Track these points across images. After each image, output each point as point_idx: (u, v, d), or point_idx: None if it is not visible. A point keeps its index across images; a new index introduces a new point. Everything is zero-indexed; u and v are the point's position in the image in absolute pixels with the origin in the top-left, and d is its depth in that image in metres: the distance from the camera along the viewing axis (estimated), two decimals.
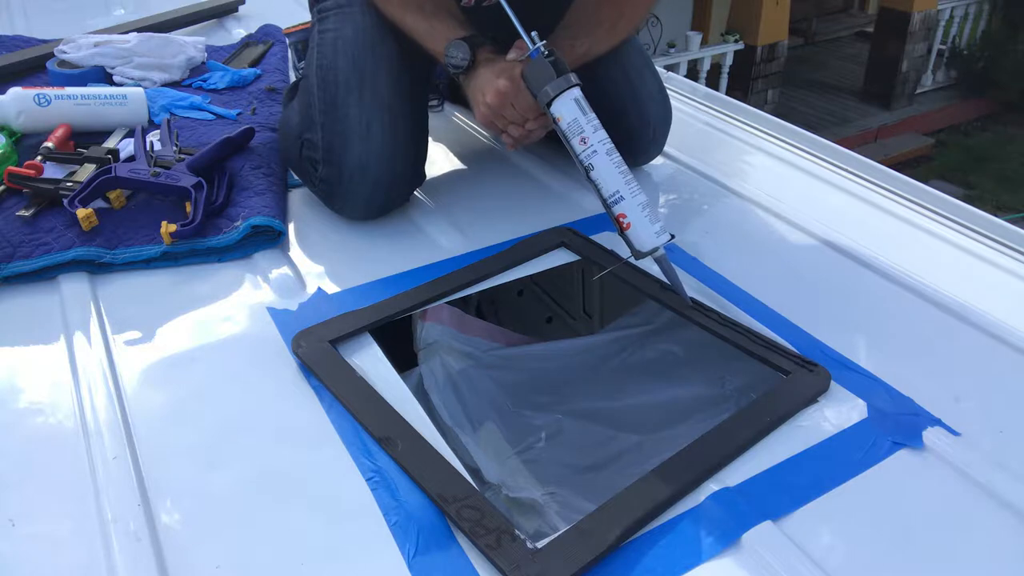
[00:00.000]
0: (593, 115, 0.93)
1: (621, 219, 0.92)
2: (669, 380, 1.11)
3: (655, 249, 0.91)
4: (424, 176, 1.17)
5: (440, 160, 1.31)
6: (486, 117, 1.03)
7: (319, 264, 1.02)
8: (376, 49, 1.08)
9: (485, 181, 1.24)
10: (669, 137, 1.25)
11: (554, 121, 0.94)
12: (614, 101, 1.18)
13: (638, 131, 1.20)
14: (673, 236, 0.93)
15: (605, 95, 1.17)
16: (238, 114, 1.38)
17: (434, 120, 1.40)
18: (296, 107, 1.15)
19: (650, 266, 1.01)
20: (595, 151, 0.92)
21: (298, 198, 1.17)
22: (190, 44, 1.58)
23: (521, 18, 0.95)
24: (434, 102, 1.44)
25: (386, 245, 1.06)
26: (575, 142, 0.93)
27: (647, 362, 1.14)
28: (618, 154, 0.93)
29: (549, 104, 0.94)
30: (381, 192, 1.08)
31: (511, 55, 1.01)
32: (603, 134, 0.93)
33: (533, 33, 0.95)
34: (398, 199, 1.13)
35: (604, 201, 0.93)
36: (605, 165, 0.92)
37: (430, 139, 1.36)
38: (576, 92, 0.93)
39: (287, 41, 1.62)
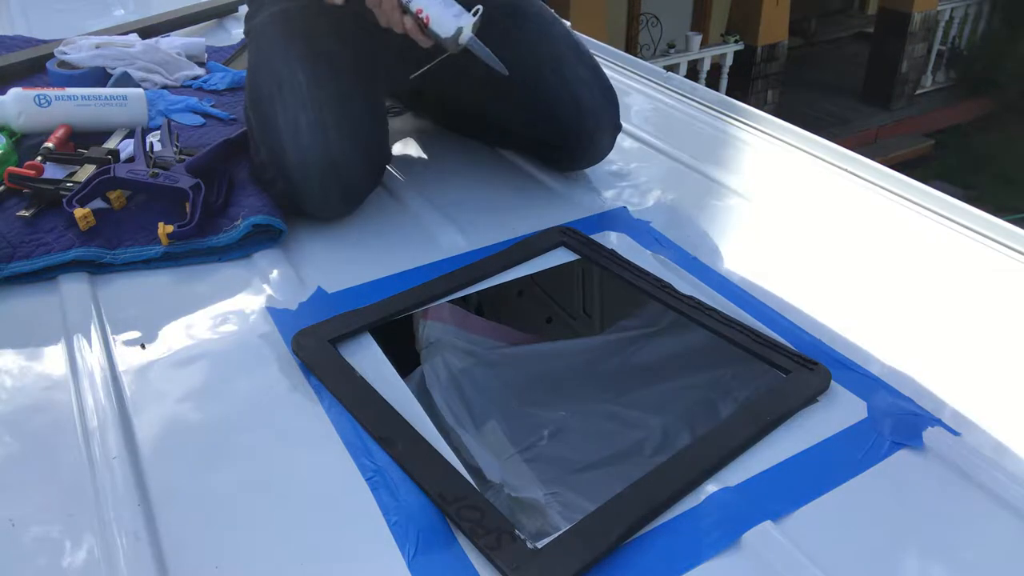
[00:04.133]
0: None
1: (419, 15, 0.92)
2: (672, 378, 1.11)
3: (459, 32, 0.91)
4: (388, 156, 1.15)
5: (440, 160, 1.31)
6: None
7: (319, 264, 1.02)
8: (287, 52, 1.07)
9: (485, 181, 1.24)
10: (669, 137, 1.25)
11: None
12: (543, 95, 1.15)
13: (575, 122, 1.15)
14: (477, 11, 0.93)
15: (533, 92, 1.14)
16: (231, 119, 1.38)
17: (433, 120, 1.40)
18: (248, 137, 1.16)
19: (657, 269, 1.01)
20: None
21: None
22: (195, 64, 1.58)
23: None
24: (396, 108, 1.42)
25: (386, 245, 1.06)
26: None
27: (650, 361, 1.15)
28: None
29: None
30: (332, 182, 1.06)
31: None
32: None
33: None
34: (358, 185, 1.10)
35: (405, 9, 0.93)
36: None
37: (430, 139, 1.36)
38: None
39: None
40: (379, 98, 1.19)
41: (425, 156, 1.32)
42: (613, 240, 1.06)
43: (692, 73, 6.23)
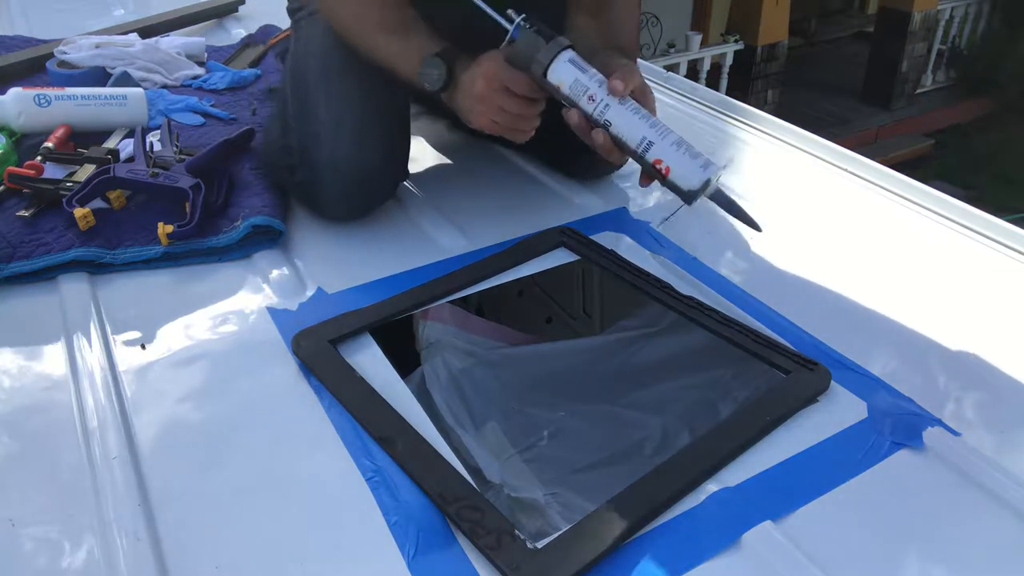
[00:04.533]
0: (595, 71, 0.88)
1: (657, 165, 0.86)
2: (672, 378, 1.11)
3: (706, 184, 0.84)
4: (407, 172, 1.16)
5: (440, 160, 1.31)
6: (484, 116, 0.94)
7: (319, 264, 1.02)
8: (344, 47, 1.06)
9: (485, 181, 1.24)
10: None
11: (556, 91, 0.89)
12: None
13: None
14: (726, 164, 0.86)
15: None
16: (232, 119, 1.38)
17: (435, 121, 1.40)
18: (274, 116, 1.15)
19: (657, 269, 1.01)
20: (607, 104, 0.87)
21: None
22: (194, 64, 1.58)
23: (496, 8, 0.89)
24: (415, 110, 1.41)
25: (386, 245, 1.06)
26: (584, 102, 0.88)
27: (650, 361, 1.15)
28: (633, 101, 0.88)
29: (545, 74, 0.88)
30: (357, 189, 1.06)
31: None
32: None
33: (509, 11, 0.89)
34: (377, 195, 1.11)
35: (635, 154, 0.87)
36: (622, 115, 0.87)
37: (430, 139, 1.36)
38: (570, 53, 0.88)
39: (272, 52, 1.63)
40: (408, 111, 1.18)
41: (426, 158, 1.32)
42: (613, 240, 1.07)
43: (692, 73, 6.22)
